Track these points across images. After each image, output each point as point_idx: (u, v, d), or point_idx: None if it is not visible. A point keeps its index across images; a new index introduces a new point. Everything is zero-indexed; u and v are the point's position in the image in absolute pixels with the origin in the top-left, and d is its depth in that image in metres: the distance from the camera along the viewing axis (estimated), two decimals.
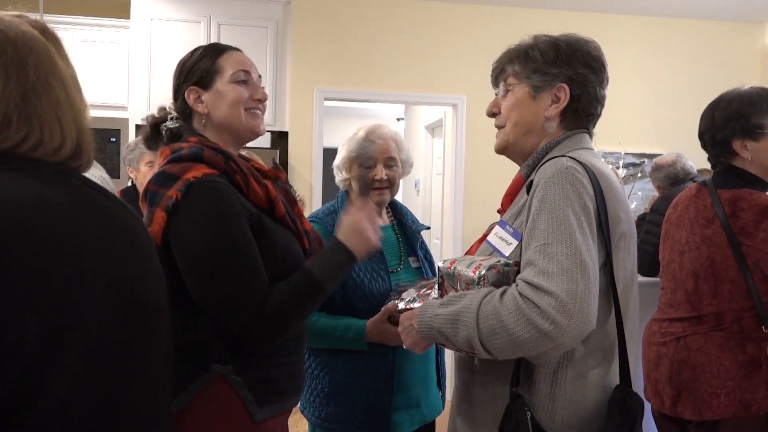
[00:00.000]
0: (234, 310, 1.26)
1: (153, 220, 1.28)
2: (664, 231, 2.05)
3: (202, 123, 1.44)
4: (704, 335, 1.81)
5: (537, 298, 1.06)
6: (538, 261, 1.10)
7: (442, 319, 1.19)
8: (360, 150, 1.91)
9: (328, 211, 1.94)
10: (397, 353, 1.80)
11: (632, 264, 1.27)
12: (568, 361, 1.17)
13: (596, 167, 1.22)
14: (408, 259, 1.97)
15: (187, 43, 4.53)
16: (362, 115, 8.30)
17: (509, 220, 1.29)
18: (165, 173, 1.32)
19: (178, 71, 1.46)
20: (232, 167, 1.35)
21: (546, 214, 1.13)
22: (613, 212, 1.19)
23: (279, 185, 1.47)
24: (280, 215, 1.39)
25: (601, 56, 1.35)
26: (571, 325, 1.04)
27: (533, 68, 1.32)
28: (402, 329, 1.34)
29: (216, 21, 4.63)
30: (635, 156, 5.10)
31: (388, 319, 1.73)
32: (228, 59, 1.44)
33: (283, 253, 1.37)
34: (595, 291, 1.08)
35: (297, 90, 4.82)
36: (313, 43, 4.85)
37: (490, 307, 1.11)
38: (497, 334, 1.09)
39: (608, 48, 4.15)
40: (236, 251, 1.27)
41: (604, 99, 1.35)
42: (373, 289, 1.81)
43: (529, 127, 1.33)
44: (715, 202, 1.84)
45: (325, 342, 1.80)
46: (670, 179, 3.55)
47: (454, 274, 1.25)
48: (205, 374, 1.29)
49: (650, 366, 1.97)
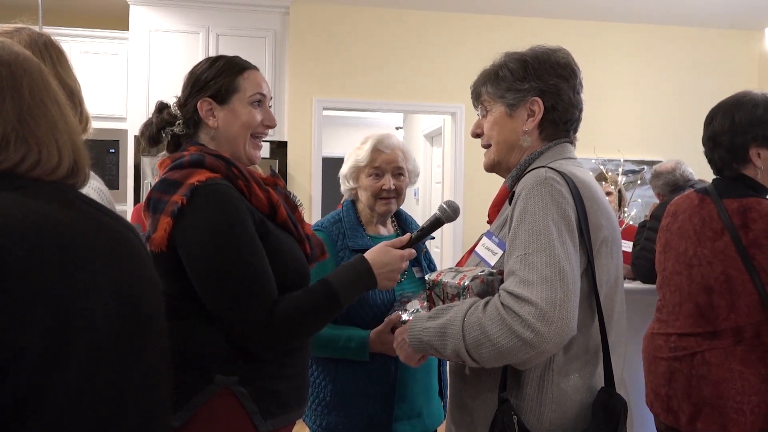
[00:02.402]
0: (244, 311, 1.26)
1: (158, 227, 1.28)
2: (664, 241, 2.01)
3: (210, 136, 1.44)
4: (724, 350, 1.78)
5: (518, 307, 1.10)
6: (518, 270, 1.14)
7: (430, 332, 1.23)
8: (368, 160, 1.92)
9: (334, 220, 1.94)
10: (399, 364, 1.78)
11: (616, 268, 1.29)
12: (554, 365, 1.21)
13: (576, 176, 1.25)
14: (412, 269, 1.96)
15: (186, 55, 4.56)
16: (361, 124, 8.32)
17: (495, 231, 1.32)
18: (168, 180, 1.33)
19: (193, 80, 1.45)
20: (234, 172, 1.36)
21: (526, 225, 1.17)
22: (593, 219, 1.22)
23: (279, 191, 1.48)
24: (282, 219, 1.40)
25: (570, 63, 1.38)
26: (551, 332, 1.08)
27: (505, 87, 1.37)
28: (396, 343, 1.37)
29: (215, 32, 4.66)
30: (635, 163, 5.11)
31: (392, 330, 1.73)
32: (248, 79, 1.46)
33: (288, 257, 1.38)
34: (574, 298, 1.12)
35: (295, 100, 4.83)
36: (312, 53, 4.87)
37: (474, 318, 1.15)
38: (482, 344, 1.13)
39: (606, 56, 4.17)
40: (245, 252, 1.27)
41: (580, 103, 1.38)
42: (376, 300, 1.81)
43: (511, 144, 1.37)
44: (721, 213, 1.80)
45: (328, 351, 1.80)
46: (669, 186, 3.56)
47: (440, 285, 1.29)
48: (209, 385, 1.29)
49: (659, 381, 1.94)
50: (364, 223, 1.96)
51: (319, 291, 1.35)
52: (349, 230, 1.89)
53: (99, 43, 4.71)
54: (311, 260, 1.49)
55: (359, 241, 1.87)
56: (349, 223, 1.92)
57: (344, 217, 1.94)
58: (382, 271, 1.44)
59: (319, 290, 1.36)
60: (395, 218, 2.07)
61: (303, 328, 1.35)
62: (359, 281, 1.41)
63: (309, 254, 1.47)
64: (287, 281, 1.35)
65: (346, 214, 1.95)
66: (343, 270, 1.42)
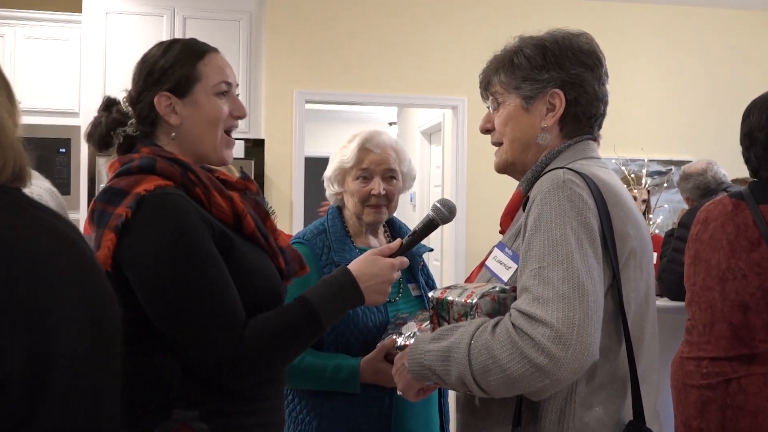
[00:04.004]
0: (206, 340, 1.26)
1: (101, 244, 1.27)
2: (694, 252, 2.03)
3: (170, 136, 1.42)
4: (763, 376, 1.81)
5: (530, 328, 1.10)
6: (532, 287, 1.14)
7: (432, 355, 1.22)
8: (355, 160, 1.91)
9: (317, 230, 1.94)
10: (394, 396, 1.77)
11: (646, 284, 1.29)
12: (576, 396, 1.20)
13: (599, 178, 1.25)
14: (408, 287, 1.96)
15: (148, 41, 4.49)
16: (349, 120, 8.36)
17: (508, 242, 1.32)
18: (112, 189, 1.32)
19: (146, 71, 1.43)
20: (191, 178, 1.34)
21: (541, 234, 1.17)
22: (620, 228, 1.22)
23: (248, 197, 1.47)
24: (249, 231, 1.39)
25: (594, 50, 1.38)
26: (569, 357, 1.08)
27: (521, 77, 1.36)
28: (395, 370, 1.37)
29: (181, 14, 4.66)
30: (661, 163, 5.14)
31: (385, 357, 1.72)
32: (210, 65, 1.43)
33: (257, 274, 1.37)
34: (596, 318, 1.12)
35: (274, 92, 4.83)
36: (292, 38, 4.87)
37: (482, 340, 1.15)
38: (490, 370, 1.13)
39: (628, 41, 4.18)
40: (202, 274, 1.27)
41: (606, 95, 1.38)
42: (368, 322, 1.81)
43: (527, 142, 1.37)
44: (758, 220, 1.84)
45: (312, 383, 1.79)
46: (700, 190, 3.58)
47: (445, 304, 1.28)
48: (165, 421, 1.27)
49: (690, 412, 1.97)
50: (352, 233, 1.96)
51: (296, 310, 1.34)
52: (335, 242, 1.89)
53: (47, 27, 4.70)
54: (287, 276, 1.47)
55: (346, 254, 1.86)
56: (335, 234, 1.92)
57: (329, 227, 1.94)
58: (369, 284, 1.41)
59: (295, 309, 1.34)
60: (388, 227, 2.07)
61: (278, 356, 1.34)
62: (343, 296, 1.39)
63: (284, 270, 1.45)
64: (257, 302, 1.34)
65: (332, 223, 1.95)
66: (323, 284, 1.40)
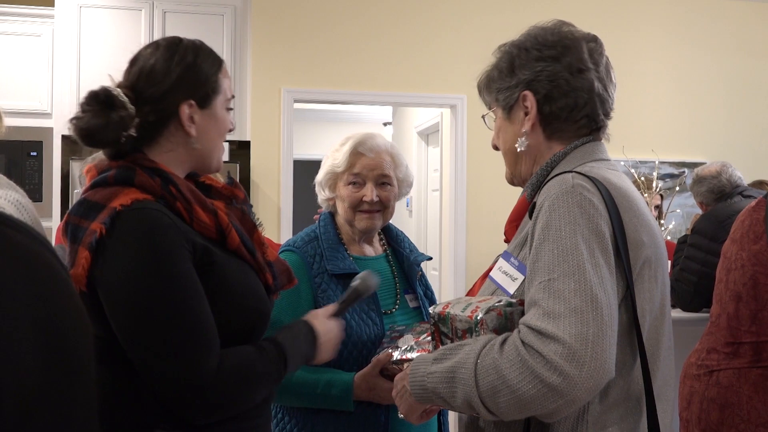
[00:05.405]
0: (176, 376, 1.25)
1: (76, 261, 1.27)
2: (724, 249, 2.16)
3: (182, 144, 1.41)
4: (738, 371, 1.89)
5: (541, 345, 1.10)
6: (541, 300, 1.14)
7: (436, 377, 1.22)
8: (346, 165, 1.92)
9: (309, 238, 1.95)
10: (390, 413, 1.80)
11: (661, 294, 1.31)
12: (588, 416, 1.21)
13: (610, 182, 1.26)
14: (405, 297, 1.98)
15: (125, 36, 4.56)
16: (341, 120, 8.33)
17: (514, 251, 1.33)
18: (88, 202, 1.32)
19: (179, 72, 1.38)
20: (171, 191, 1.34)
21: (550, 243, 1.17)
22: (633, 235, 1.23)
23: (234, 207, 1.48)
24: (233, 246, 1.39)
25: (561, 38, 1.37)
26: (583, 375, 1.07)
27: (496, 89, 1.43)
28: (396, 393, 1.37)
29: (160, 8, 4.66)
30: (673, 165, 5.16)
31: (381, 372, 1.73)
32: (226, 77, 1.46)
33: (239, 293, 1.38)
34: (611, 332, 1.12)
35: (260, 91, 4.84)
36: (280, 33, 4.88)
37: (489, 359, 1.14)
38: (499, 391, 1.12)
39: (637, 34, 4.22)
40: (177, 299, 1.27)
41: (587, 82, 1.35)
42: (362, 335, 1.82)
43: (515, 152, 1.42)
44: (766, 216, 1.93)
45: (303, 401, 1.80)
46: (714, 194, 3.58)
47: (447, 320, 1.28)
48: None
49: (683, 404, 2.07)
50: (345, 241, 1.97)
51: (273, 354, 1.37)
52: (327, 250, 1.90)
53: (17, 22, 4.68)
54: (274, 291, 1.49)
55: (340, 263, 1.88)
56: (327, 241, 1.92)
57: (321, 234, 1.94)
58: (325, 339, 1.49)
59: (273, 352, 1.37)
60: (384, 235, 2.08)
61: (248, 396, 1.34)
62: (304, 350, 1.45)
63: (271, 285, 1.47)
64: (240, 320, 1.36)
65: (324, 230, 1.95)
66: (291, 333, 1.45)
